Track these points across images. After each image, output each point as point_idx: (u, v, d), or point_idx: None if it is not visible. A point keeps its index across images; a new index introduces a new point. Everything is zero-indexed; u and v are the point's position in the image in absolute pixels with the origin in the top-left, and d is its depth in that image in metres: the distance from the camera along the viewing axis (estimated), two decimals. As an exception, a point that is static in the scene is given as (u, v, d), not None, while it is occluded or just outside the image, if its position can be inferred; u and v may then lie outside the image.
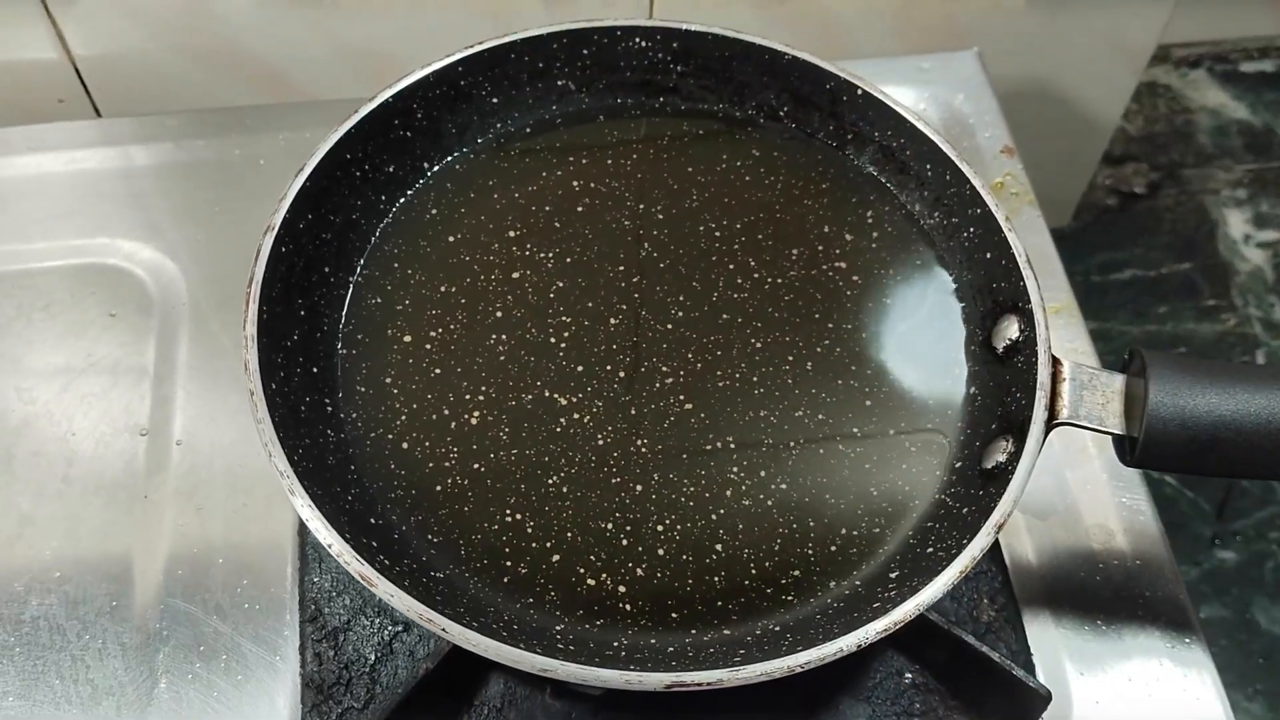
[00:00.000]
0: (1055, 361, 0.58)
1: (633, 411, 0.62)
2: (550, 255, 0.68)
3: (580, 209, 0.70)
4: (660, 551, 0.58)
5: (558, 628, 0.55)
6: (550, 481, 0.60)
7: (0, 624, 0.66)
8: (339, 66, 0.98)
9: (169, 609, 0.67)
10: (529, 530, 0.58)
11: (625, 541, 0.58)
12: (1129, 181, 1.65)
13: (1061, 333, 0.79)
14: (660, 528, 0.59)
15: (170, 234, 0.83)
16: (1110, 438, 0.58)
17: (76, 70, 0.94)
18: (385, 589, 0.51)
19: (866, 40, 1.04)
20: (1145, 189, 1.65)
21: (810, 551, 0.58)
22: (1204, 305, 1.55)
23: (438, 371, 0.64)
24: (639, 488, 0.60)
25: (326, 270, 0.65)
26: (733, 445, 0.62)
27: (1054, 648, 0.66)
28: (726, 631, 0.56)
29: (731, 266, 0.68)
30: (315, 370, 0.62)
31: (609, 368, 0.64)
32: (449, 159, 0.72)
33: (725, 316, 0.66)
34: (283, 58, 0.96)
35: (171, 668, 0.65)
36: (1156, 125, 1.71)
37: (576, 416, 0.62)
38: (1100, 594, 0.68)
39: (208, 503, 0.71)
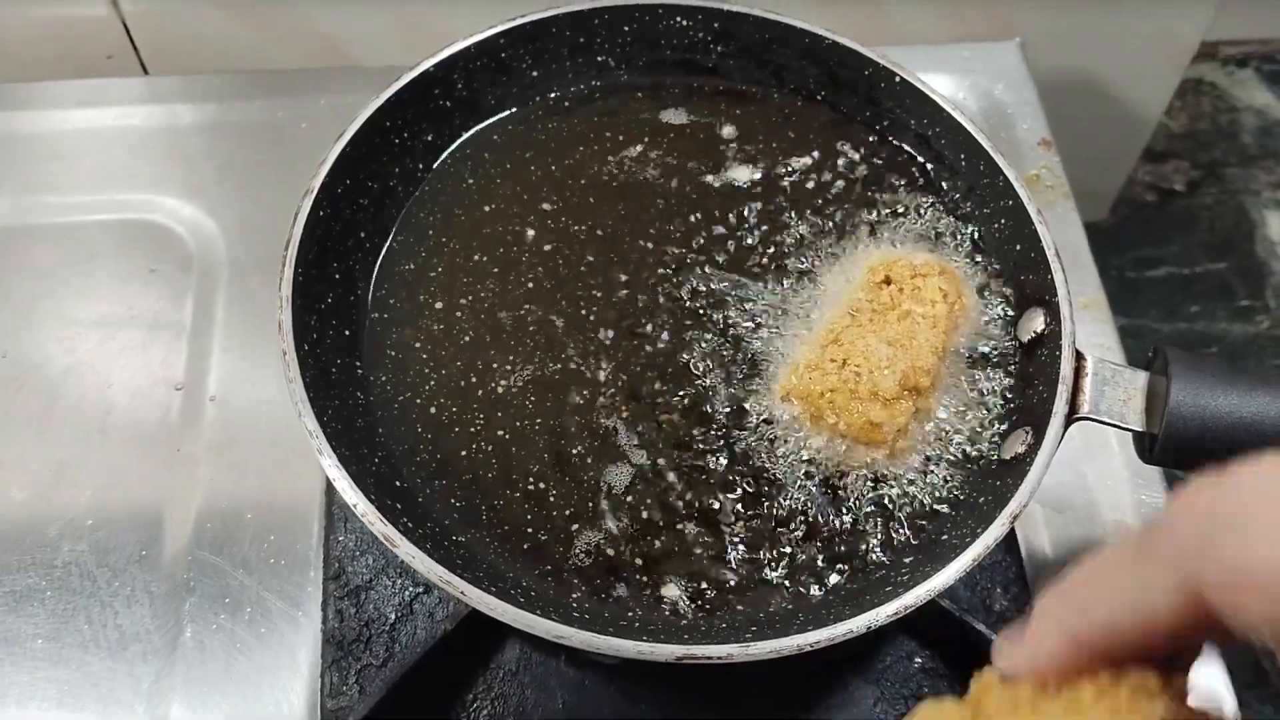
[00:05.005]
0: (1079, 356, 0.58)
1: (658, 385, 0.63)
2: (583, 228, 0.69)
3: (615, 184, 0.71)
4: (678, 526, 0.59)
5: (574, 596, 0.56)
6: (574, 452, 0.61)
7: (33, 568, 0.68)
8: (384, 33, 0.98)
9: (197, 560, 0.68)
10: (550, 499, 0.59)
11: (645, 515, 0.59)
12: (1169, 178, 1.63)
13: (1089, 327, 0.79)
14: (681, 503, 0.59)
15: (212, 193, 0.85)
16: (1130, 434, 0.58)
17: (125, 27, 0.95)
18: (407, 550, 0.52)
19: (910, 25, 1.04)
20: (1185, 186, 1.63)
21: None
22: (1237, 306, 1.54)
23: (467, 338, 0.65)
24: (661, 461, 0.61)
25: (362, 235, 0.66)
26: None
27: (1065, 640, 0.67)
28: (740, 608, 0.56)
29: (763, 248, 0.68)
30: (347, 333, 0.63)
31: (636, 342, 0.64)
32: (486, 129, 0.73)
33: (755, 295, 0.67)
34: (328, 22, 0.97)
35: (197, 617, 0.67)
36: (1200, 123, 1.69)
37: (603, 388, 0.63)
38: (1114, 589, 0.69)
39: (238, 459, 0.72)
